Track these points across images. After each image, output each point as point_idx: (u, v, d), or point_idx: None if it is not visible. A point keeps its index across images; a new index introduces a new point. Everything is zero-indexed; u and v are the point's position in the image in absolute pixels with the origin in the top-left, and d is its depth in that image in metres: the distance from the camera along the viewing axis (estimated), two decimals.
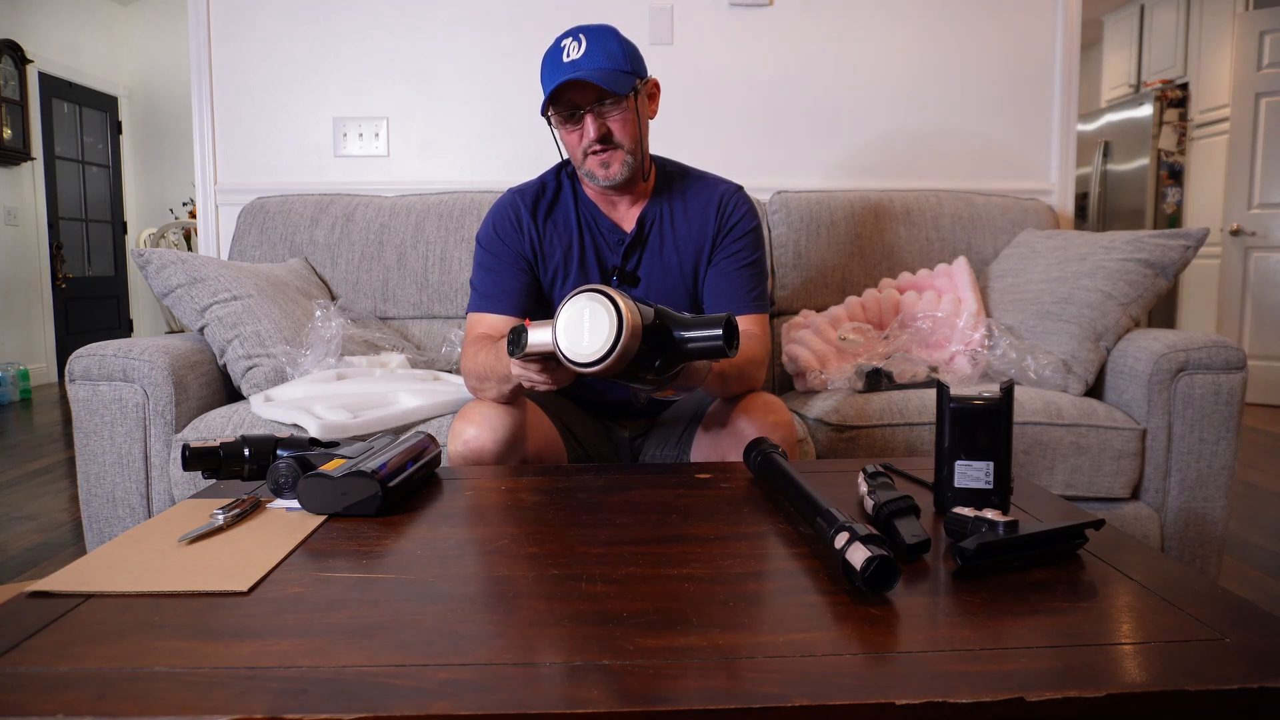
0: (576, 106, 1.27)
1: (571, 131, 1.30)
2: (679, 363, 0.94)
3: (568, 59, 1.24)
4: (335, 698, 0.53)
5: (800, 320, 1.99)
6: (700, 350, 0.91)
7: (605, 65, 1.24)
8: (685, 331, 0.91)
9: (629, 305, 0.87)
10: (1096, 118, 5.27)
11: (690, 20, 2.35)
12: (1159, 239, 1.74)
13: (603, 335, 0.86)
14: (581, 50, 1.24)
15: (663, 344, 0.91)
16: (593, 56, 1.24)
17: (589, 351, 0.87)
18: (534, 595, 0.70)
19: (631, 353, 0.87)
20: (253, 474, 1.01)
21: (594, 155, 1.29)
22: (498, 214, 1.39)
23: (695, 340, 0.91)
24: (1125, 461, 1.59)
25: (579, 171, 1.35)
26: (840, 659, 0.59)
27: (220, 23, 2.32)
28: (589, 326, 0.87)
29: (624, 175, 1.31)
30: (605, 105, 1.27)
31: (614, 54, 1.26)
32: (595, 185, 1.34)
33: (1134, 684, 0.55)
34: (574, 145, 1.31)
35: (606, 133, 1.28)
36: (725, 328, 0.90)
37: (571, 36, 1.26)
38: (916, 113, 2.40)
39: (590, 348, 0.87)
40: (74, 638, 0.62)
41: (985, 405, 0.88)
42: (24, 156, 5.24)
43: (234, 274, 1.78)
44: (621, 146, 1.29)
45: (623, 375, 0.91)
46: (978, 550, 0.73)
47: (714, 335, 0.90)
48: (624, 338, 0.85)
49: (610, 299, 0.87)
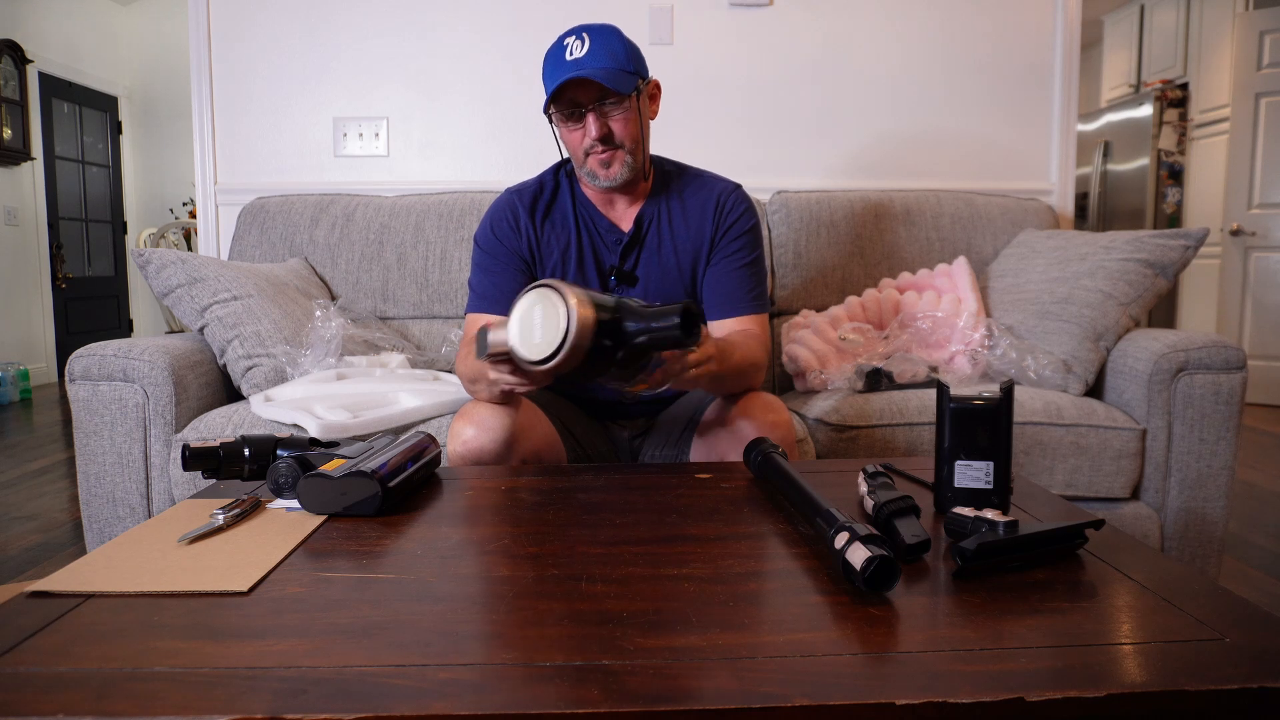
0: (578, 105, 1.27)
1: (573, 130, 1.30)
2: (641, 355, 0.92)
3: (570, 57, 1.24)
4: (335, 698, 0.53)
5: (800, 320, 1.99)
6: (659, 340, 0.88)
7: (608, 64, 1.24)
8: (642, 323, 0.89)
9: (581, 299, 0.85)
10: (1096, 118, 5.27)
11: (690, 20, 2.35)
12: (1159, 239, 1.74)
13: (553, 331, 0.84)
14: (585, 49, 1.24)
15: (621, 337, 0.89)
16: (596, 55, 1.24)
17: (540, 348, 0.85)
18: (534, 595, 0.70)
19: (583, 348, 0.85)
20: (253, 474, 1.01)
21: (595, 155, 1.29)
22: (495, 214, 1.39)
23: (653, 331, 0.88)
24: (1125, 461, 1.59)
25: (579, 171, 1.34)
26: (840, 659, 0.59)
27: (220, 23, 2.33)
28: (540, 324, 0.85)
29: (624, 176, 1.31)
30: (607, 104, 1.27)
31: (617, 53, 1.26)
32: (595, 185, 1.34)
33: (1134, 684, 0.55)
34: (575, 144, 1.31)
35: (608, 132, 1.28)
36: (683, 316, 0.87)
37: (574, 35, 1.26)
38: (917, 112, 2.40)
39: (540, 345, 0.85)
40: (74, 638, 0.62)
41: (985, 405, 0.88)
42: (24, 156, 5.24)
43: (234, 274, 1.78)
44: (622, 146, 1.29)
45: (584, 372, 0.89)
46: (978, 550, 0.73)
47: (671, 325, 0.87)
48: (573, 334, 0.83)
49: (560, 294, 0.84)
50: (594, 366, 0.89)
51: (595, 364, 0.89)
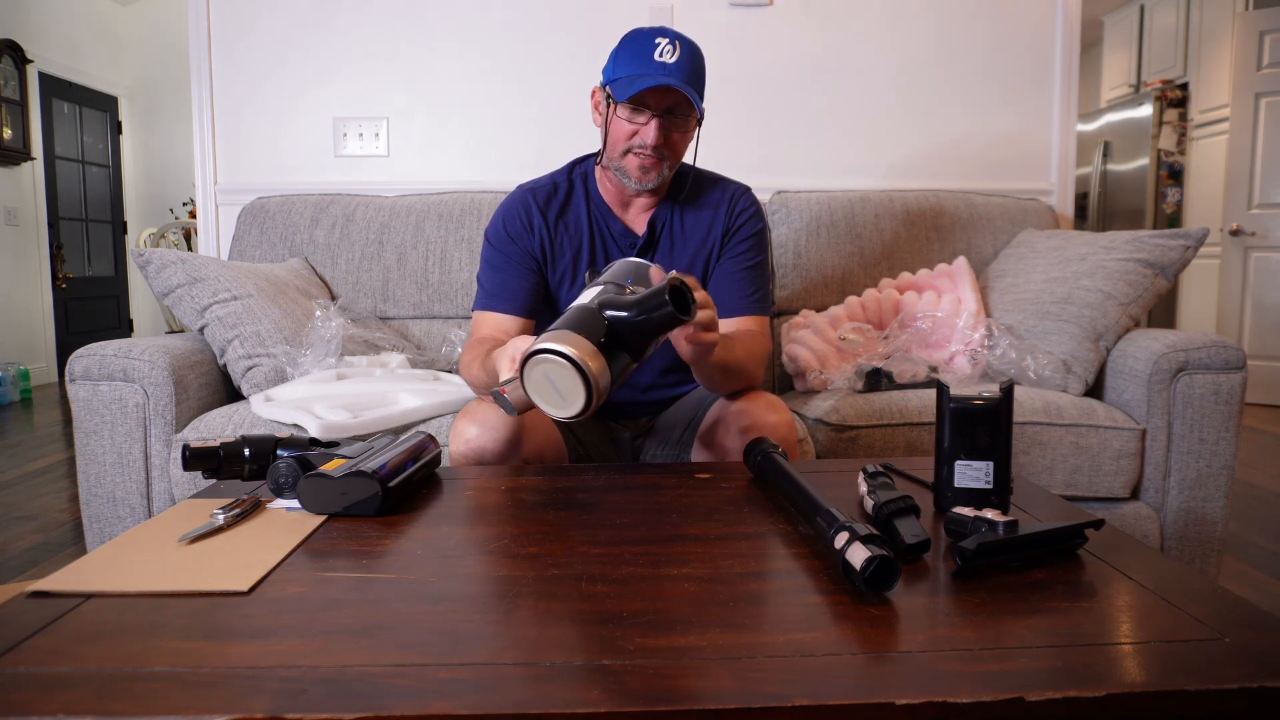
0: (646, 105, 1.26)
1: (630, 123, 1.28)
2: (648, 342, 0.95)
3: (660, 59, 1.24)
4: (335, 697, 0.53)
5: (800, 320, 1.99)
6: (657, 324, 0.92)
7: (694, 82, 1.26)
8: (637, 316, 0.92)
9: (581, 350, 0.88)
10: (1096, 118, 5.27)
11: (690, 20, 2.35)
12: (1159, 239, 1.74)
13: (573, 390, 0.89)
14: (675, 55, 1.25)
15: (624, 340, 0.93)
16: (684, 67, 1.25)
17: (570, 405, 0.90)
18: (534, 595, 0.70)
19: (607, 389, 0.90)
20: (253, 474, 1.01)
21: (639, 156, 1.29)
22: (508, 211, 1.39)
23: (650, 321, 0.92)
24: (1125, 461, 1.59)
25: (610, 164, 1.33)
26: (840, 659, 0.59)
27: (220, 22, 2.33)
28: (557, 385, 0.89)
29: (655, 185, 1.33)
30: (675, 117, 1.28)
31: (700, 72, 1.29)
32: (624, 184, 1.33)
33: (1134, 684, 0.55)
34: (623, 136, 1.29)
35: (663, 143, 1.28)
36: (671, 295, 0.91)
37: (668, 38, 1.26)
38: (916, 112, 2.40)
39: (569, 403, 0.90)
40: (74, 638, 0.62)
41: (985, 405, 0.88)
42: (24, 156, 5.23)
43: (234, 274, 1.78)
44: (667, 160, 1.30)
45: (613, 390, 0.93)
46: (978, 550, 0.73)
47: (663, 306, 0.91)
48: (596, 388, 0.88)
49: (561, 355, 0.87)
50: (615, 382, 0.93)
51: (615, 378, 0.93)
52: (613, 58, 1.31)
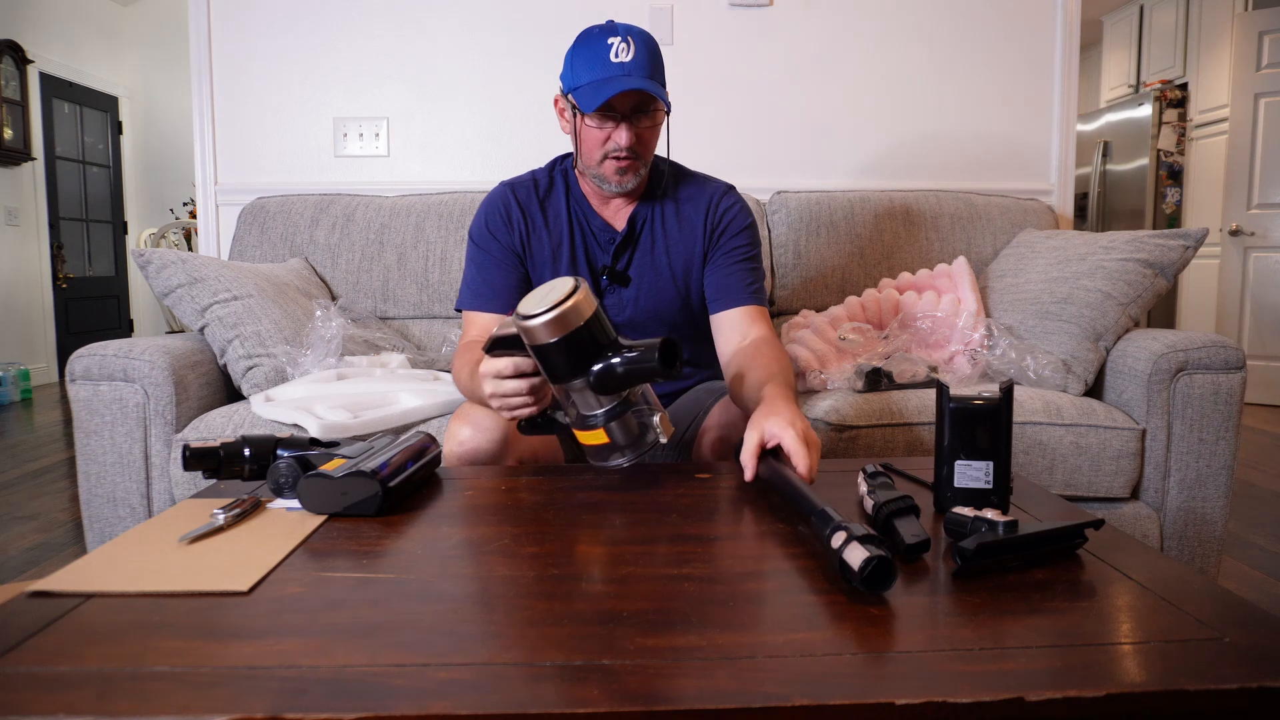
0: (612, 109, 1.25)
1: (599, 129, 1.27)
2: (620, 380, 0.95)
3: (617, 59, 1.22)
4: (336, 697, 0.53)
5: (800, 320, 1.99)
6: (639, 364, 0.94)
7: (654, 76, 1.25)
8: (627, 345, 0.95)
9: (589, 294, 0.94)
10: (1096, 118, 5.27)
11: (690, 20, 2.35)
12: (1158, 239, 1.74)
13: (555, 298, 0.92)
14: (631, 53, 1.23)
15: (608, 344, 0.95)
16: (642, 64, 1.23)
17: (541, 305, 0.92)
18: (534, 595, 0.70)
19: (577, 320, 0.91)
20: (253, 474, 1.01)
21: (615, 161, 1.28)
22: (489, 207, 1.39)
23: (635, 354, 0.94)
24: (1125, 461, 1.59)
25: (587, 171, 1.33)
26: (840, 659, 0.59)
27: (220, 23, 2.33)
28: (548, 294, 0.93)
29: (634, 185, 1.32)
30: (642, 115, 1.26)
31: (658, 62, 1.27)
32: (604, 190, 1.33)
33: (1134, 684, 0.55)
34: (596, 144, 1.28)
35: (635, 142, 1.27)
36: (662, 349, 0.93)
37: (619, 36, 1.24)
38: (916, 112, 2.40)
39: (540, 305, 0.92)
40: (74, 637, 0.62)
41: (985, 405, 0.88)
42: (25, 156, 5.23)
43: (234, 274, 1.78)
44: (642, 158, 1.30)
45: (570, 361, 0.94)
46: (977, 550, 0.73)
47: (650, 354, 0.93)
48: (574, 298, 0.91)
49: (575, 280, 0.93)
50: (579, 358, 0.94)
51: (580, 356, 0.94)
52: (568, 64, 1.29)
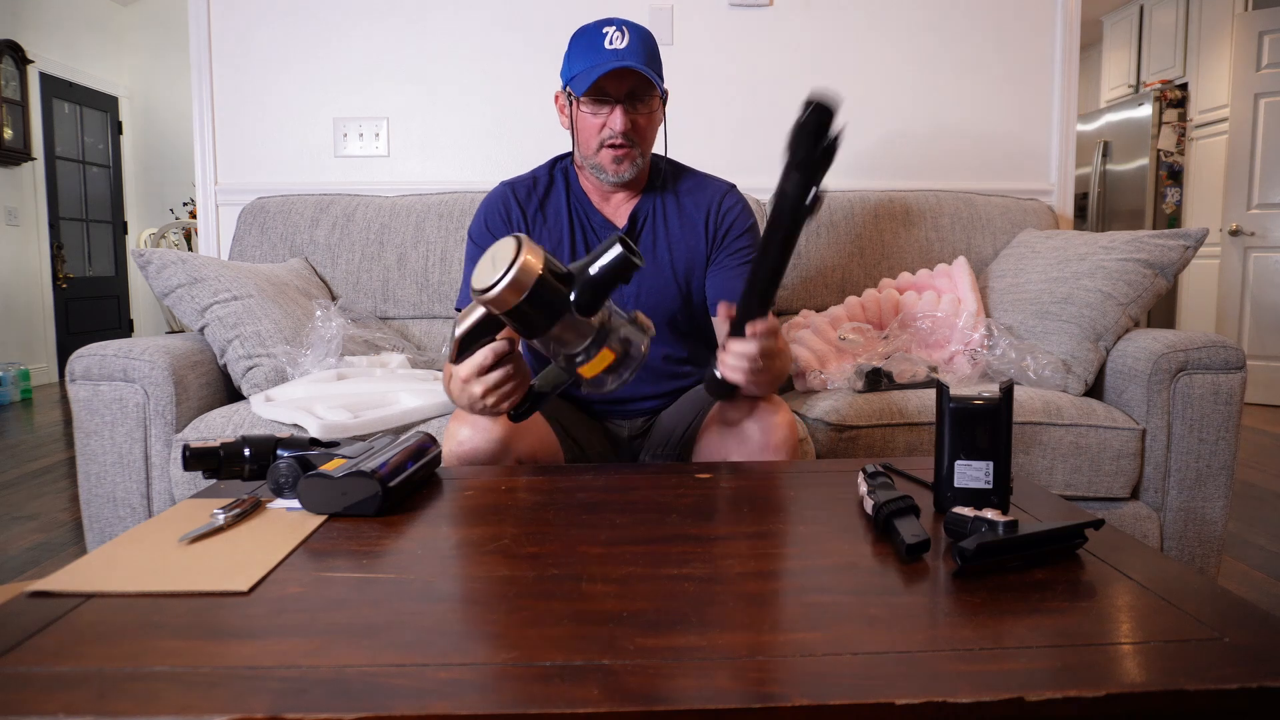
0: (607, 95, 1.27)
1: (595, 117, 1.30)
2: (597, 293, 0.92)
3: (611, 45, 1.25)
4: (336, 697, 0.53)
5: (800, 320, 1.99)
6: (608, 269, 0.90)
7: (648, 62, 1.27)
8: (586, 260, 0.92)
9: (532, 243, 0.89)
10: (1096, 118, 5.27)
11: (690, 20, 2.35)
12: (1158, 239, 1.74)
13: (506, 259, 0.88)
14: (625, 41, 1.25)
15: (570, 276, 0.91)
16: (636, 50, 1.26)
17: (495, 275, 0.88)
18: (534, 595, 0.70)
19: (536, 268, 0.88)
20: (253, 474, 1.01)
21: (610, 148, 1.30)
22: (489, 207, 1.40)
23: (599, 263, 0.91)
24: (1125, 461, 1.59)
25: (585, 162, 1.35)
26: (840, 659, 0.59)
27: (220, 22, 2.32)
28: (495, 260, 0.89)
29: (631, 175, 1.33)
30: (637, 101, 1.28)
31: (654, 53, 1.30)
32: (601, 180, 1.34)
33: (1133, 683, 0.55)
34: (592, 132, 1.31)
35: (631, 128, 1.28)
36: (621, 244, 0.91)
37: (614, 26, 1.27)
38: (916, 113, 2.40)
39: (496, 272, 0.88)
40: (74, 638, 0.62)
41: (985, 405, 0.88)
42: (25, 156, 5.23)
43: (234, 274, 1.78)
44: (638, 146, 1.31)
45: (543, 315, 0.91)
46: (978, 550, 0.73)
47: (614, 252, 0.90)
48: (522, 251, 0.87)
49: (516, 239, 0.89)
50: (552, 298, 0.90)
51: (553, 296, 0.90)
52: (566, 58, 1.32)
